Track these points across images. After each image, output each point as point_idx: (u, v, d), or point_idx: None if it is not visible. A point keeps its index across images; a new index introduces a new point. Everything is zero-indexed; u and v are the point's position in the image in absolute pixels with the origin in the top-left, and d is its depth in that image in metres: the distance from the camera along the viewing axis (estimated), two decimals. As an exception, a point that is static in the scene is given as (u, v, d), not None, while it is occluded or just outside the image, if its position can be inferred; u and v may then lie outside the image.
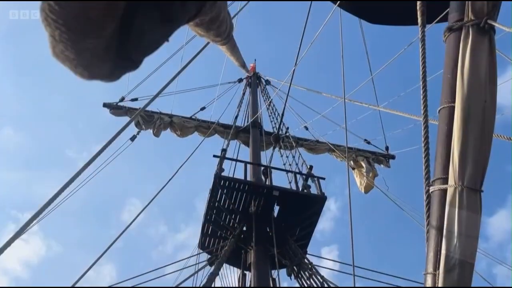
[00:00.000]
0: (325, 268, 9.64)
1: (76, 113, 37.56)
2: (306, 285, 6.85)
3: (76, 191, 8.45)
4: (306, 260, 7.42)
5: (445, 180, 2.19)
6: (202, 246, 8.84)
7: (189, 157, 8.64)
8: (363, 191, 11.86)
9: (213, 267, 6.89)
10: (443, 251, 2.05)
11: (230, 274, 9.04)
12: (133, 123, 11.79)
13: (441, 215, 2.12)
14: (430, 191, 2.27)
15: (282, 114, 10.61)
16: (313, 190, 8.73)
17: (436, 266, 2.12)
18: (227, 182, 8.22)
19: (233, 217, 8.51)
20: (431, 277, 2.13)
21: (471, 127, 2.15)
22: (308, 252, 8.44)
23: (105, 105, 12.25)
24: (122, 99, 12.49)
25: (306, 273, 7.14)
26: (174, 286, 7.37)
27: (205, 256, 8.72)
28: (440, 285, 2.03)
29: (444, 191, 2.16)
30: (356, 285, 4.44)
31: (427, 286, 2.15)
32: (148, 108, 12.32)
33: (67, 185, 2.56)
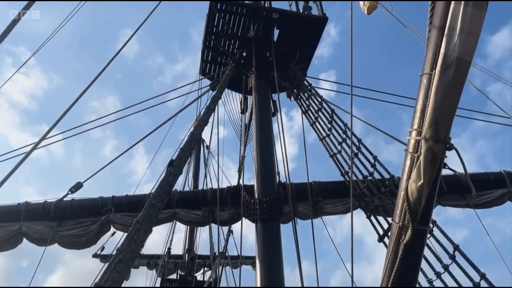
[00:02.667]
0: (323, 89, 9.92)
1: None
2: (305, 105, 7.15)
3: (66, 22, 8.16)
4: (305, 82, 7.58)
5: (454, -24, 2.05)
6: (203, 72, 8.94)
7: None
8: (366, 12, 11.38)
9: (215, 91, 7.08)
10: (442, 50, 2.05)
11: (232, 99, 9.40)
12: None
13: (444, 14, 2.06)
14: (437, -11, 2.16)
15: None
16: (314, 12, 8.40)
17: (433, 66, 2.15)
18: (224, 6, 7.86)
19: (232, 42, 8.39)
20: (427, 77, 2.18)
21: None
22: (307, 75, 8.57)
23: None
24: None
25: (305, 94, 7.37)
26: (178, 111, 7.71)
27: (207, 83, 8.92)
28: (434, 83, 2.09)
29: (452, -12, 2.05)
30: (354, 105, 4.56)
31: (422, 86, 2.22)
32: None
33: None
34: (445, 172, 2.34)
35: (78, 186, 5.79)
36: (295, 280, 9.19)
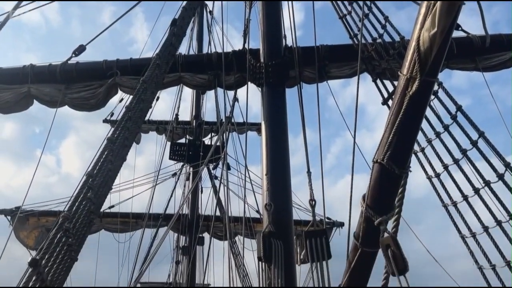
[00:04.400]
0: None
1: None
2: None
3: None
4: None
5: None
6: None
7: None
8: None
9: None
10: None
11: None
12: None
13: None
14: None
15: None
16: None
17: None
18: None
19: None
20: None
21: None
22: None
23: None
24: None
25: None
26: None
27: None
28: None
29: None
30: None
31: None
32: None
33: None
34: (456, 34, 2.25)
35: (81, 49, 5.71)
36: (296, 146, 9.65)
